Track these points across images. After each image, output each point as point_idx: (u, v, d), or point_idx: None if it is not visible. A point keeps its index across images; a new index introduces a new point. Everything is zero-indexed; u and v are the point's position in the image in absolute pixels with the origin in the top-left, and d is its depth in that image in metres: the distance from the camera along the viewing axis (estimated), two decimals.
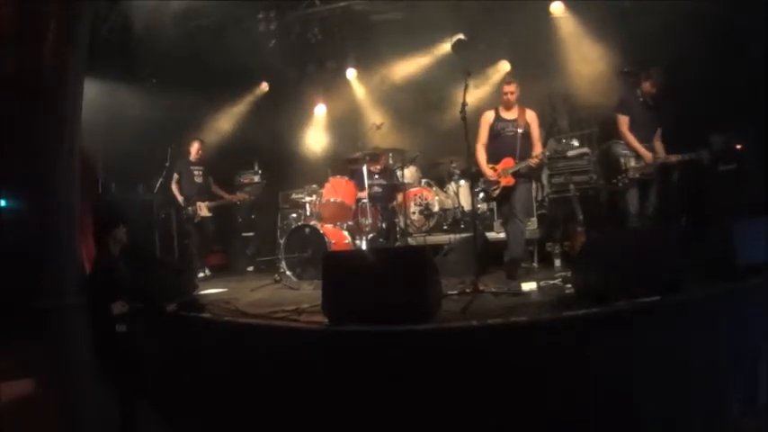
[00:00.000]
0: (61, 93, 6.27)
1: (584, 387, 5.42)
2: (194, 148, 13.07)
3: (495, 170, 9.41)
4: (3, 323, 5.92)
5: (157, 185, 12.22)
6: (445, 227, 11.91)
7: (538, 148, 9.50)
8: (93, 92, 9.13)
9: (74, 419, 5.96)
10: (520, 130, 9.45)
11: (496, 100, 12.32)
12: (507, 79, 10.12)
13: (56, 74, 6.24)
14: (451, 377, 5.50)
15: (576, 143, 12.00)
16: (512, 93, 9.64)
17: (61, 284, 6.10)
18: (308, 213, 11.79)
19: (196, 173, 12.95)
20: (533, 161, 9.31)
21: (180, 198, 12.71)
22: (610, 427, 5.46)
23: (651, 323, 5.73)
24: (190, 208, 12.60)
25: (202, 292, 9.41)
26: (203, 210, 12.62)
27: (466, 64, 9.80)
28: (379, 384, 5.69)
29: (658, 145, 9.56)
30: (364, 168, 11.11)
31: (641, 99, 9.63)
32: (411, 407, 5.55)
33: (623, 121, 9.65)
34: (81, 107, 6.48)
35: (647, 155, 9.40)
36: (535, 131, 9.62)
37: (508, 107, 9.65)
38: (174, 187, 12.80)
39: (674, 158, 9.40)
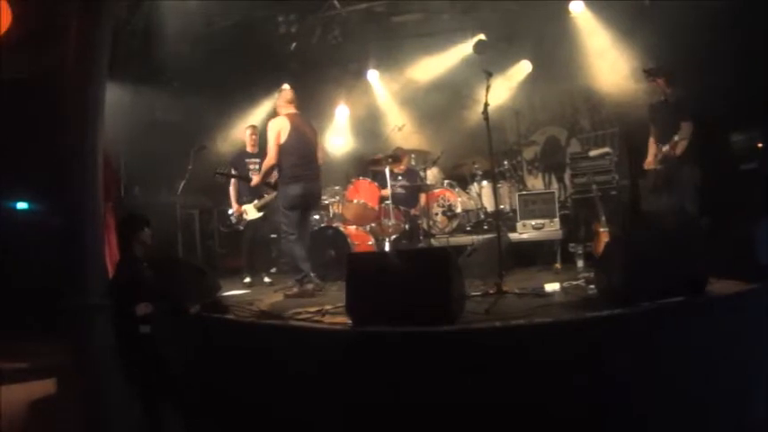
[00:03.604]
0: (83, 96, 6.33)
1: (607, 388, 5.42)
2: (248, 135, 12.31)
3: None
4: (27, 323, 5.99)
5: (180, 187, 12.15)
6: (468, 228, 11.90)
7: None
8: (115, 95, 9.18)
9: (97, 420, 6.02)
10: None
11: (519, 101, 12.42)
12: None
13: (78, 77, 6.29)
14: (475, 378, 5.51)
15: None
16: None
17: (85, 285, 6.16)
18: (330, 215, 11.80)
19: (251, 167, 11.99)
20: None
21: (234, 204, 11.97)
22: (633, 429, 5.46)
23: (674, 324, 5.71)
24: (232, 216, 12.00)
25: (225, 294, 9.42)
26: (250, 212, 11.80)
27: (487, 64, 9.77)
28: (402, 385, 5.70)
29: (681, 142, 9.56)
30: (387, 170, 11.07)
31: (663, 98, 9.66)
32: (435, 408, 5.56)
33: (652, 132, 9.90)
34: (103, 110, 6.53)
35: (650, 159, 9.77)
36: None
37: None
38: (232, 190, 12.03)
39: (673, 150, 9.52)
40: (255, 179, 10.39)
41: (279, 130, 9.46)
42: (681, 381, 5.47)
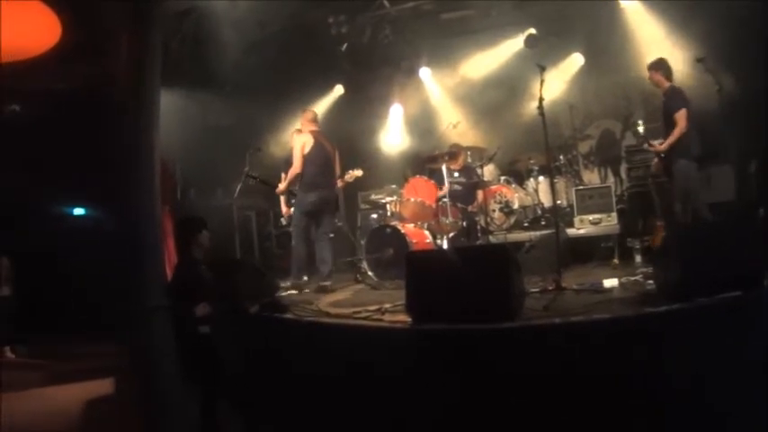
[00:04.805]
0: (139, 103, 6.43)
1: (666, 384, 5.39)
2: None
3: None
4: (88, 325, 6.11)
5: (237, 190, 12.14)
6: (525, 224, 11.83)
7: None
8: (169, 101, 9.31)
9: (155, 420, 6.11)
10: None
11: (572, 94, 12.38)
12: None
13: (133, 85, 6.40)
14: (535, 375, 5.52)
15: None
16: None
17: (144, 287, 6.26)
18: (388, 214, 11.84)
19: None
20: None
21: (284, 206, 12.00)
22: (691, 426, 5.42)
23: (733, 319, 5.66)
24: (282, 218, 12.11)
25: (284, 294, 9.52)
26: None
27: (539, 58, 9.72)
28: (464, 383, 5.72)
29: (671, 137, 9.63)
30: (443, 167, 11.11)
31: (663, 94, 9.88)
32: (495, 405, 5.58)
33: None
34: (158, 116, 6.63)
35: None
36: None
37: None
38: (284, 198, 12.02)
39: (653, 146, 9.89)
40: (281, 186, 11.27)
41: (303, 143, 10.64)
42: (740, 377, 5.42)
